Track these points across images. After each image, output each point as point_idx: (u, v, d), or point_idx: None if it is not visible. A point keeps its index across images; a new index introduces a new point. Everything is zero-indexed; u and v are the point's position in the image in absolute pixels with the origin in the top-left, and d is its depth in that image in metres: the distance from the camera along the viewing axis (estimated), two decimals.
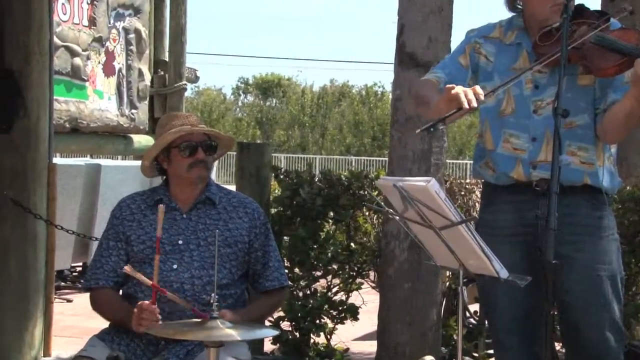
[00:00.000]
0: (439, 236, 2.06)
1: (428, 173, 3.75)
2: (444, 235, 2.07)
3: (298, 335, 4.22)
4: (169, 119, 2.87)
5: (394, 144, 3.93)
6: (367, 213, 4.37)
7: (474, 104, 2.28)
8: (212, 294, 2.41)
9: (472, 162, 2.96)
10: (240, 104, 36.38)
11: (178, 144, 2.80)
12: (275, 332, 2.50)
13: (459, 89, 2.31)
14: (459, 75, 2.62)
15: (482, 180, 2.74)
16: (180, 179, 2.83)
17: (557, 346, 3.92)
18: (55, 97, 4.83)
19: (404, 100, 3.84)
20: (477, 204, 4.83)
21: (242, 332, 2.37)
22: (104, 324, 2.88)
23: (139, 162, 7.60)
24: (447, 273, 4.37)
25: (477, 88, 2.34)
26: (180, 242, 2.77)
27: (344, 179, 4.27)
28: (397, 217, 2.14)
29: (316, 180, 4.28)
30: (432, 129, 2.25)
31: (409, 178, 2.13)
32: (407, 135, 3.83)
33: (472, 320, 4.57)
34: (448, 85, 2.35)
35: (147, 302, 2.59)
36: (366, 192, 4.21)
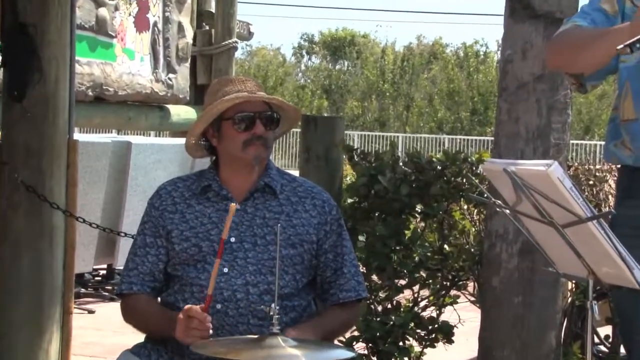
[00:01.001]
0: (562, 236, 2.05)
1: (546, 156, 3.71)
2: (568, 234, 2.06)
3: None
4: (220, 85, 2.92)
5: (501, 119, 3.89)
6: (465, 206, 4.35)
7: None
8: (272, 305, 2.44)
9: (603, 142, 2.91)
10: (303, 67, 36.52)
11: (231, 115, 2.84)
12: (352, 354, 2.52)
13: None
14: (607, 25, 2.60)
15: (618, 165, 2.70)
16: (233, 160, 2.87)
17: None
18: (76, 58, 4.93)
19: (516, 61, 3.80)
20: (610, 196, 4.76)
21: (309, 353, 2.40)
22: (134, 340, 2.96)
23: (177, 140, 7.77)
24: (570, 284, 4.31)
25: None
26: (232, 239, 2.81)
27: (436, 162, 4.26)
28: (507, 211, 2.14)
29: (400, 164, 4.28)
30: (638, 45, 2.24)
31: (524, 161, 2.12)
32: (520, 107, 3.80)
33: (602, 347, 4.52)
34: None
35: (196, 307, 2.63)
36: (464, 180, 4.20)
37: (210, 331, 2.62)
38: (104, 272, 7.87)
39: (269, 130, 2.86)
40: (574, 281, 4.28)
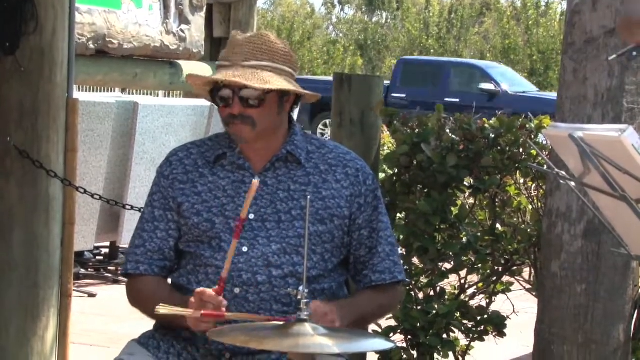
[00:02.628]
0: (636, 212, 2.04)
1: (617, 122, 3.69)
2: None
3: (416, 355, 4.27)
4: (227, 44, 2.91)
5: (566, 80, 3.87)
6: (521, 180, 4.35)
7: None
8: (300, 288, 2.46)
9: None
10: (334, 19, 36.42)
11: (210, 88, 2.87)
12: (390, 345, 2.54)
13: None
14: None
15: None
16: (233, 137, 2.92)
17: None
18: (75, 5, 4.95)
19: (584, 12, 3.78)
20: None
21: (342, 343, 2.42)
22: (140, 327, 2.99)
23: (190, 101, 7.80)
24: None
25: None
26: (251, 215, 2.83)
27: (488, 129, 4.25)
28: (573, 184, 2.13)
29: (447, 130, 4.27)
30: (634, 53, 2.22)
31: (593, 126, 2.11)
32: (588, 66, 3.78)
33: None
34: None
35: (210, 290, 2.65)
36: (521, 149, 4.19)
37: (226, 316, 2.64)
38: (107, 250, 7.94)
39: (250, 108, 2.82)
40: None
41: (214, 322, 2.63)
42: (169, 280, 2.94)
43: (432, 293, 4.29)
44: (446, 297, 4.29)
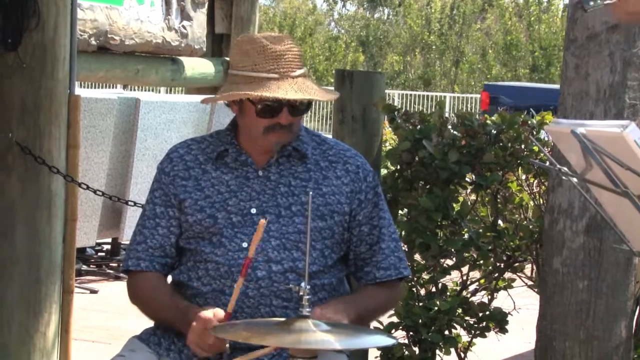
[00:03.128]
0: (639, 208, 2.04)
1: (619, 119, 3.69)
2: None
3: (418, 351, 4.27)
4: (252, 48, 2.83)
5: (568, 75, 3.88)
6: (523, 176, 4.35)
7: None
8: (302, 284, 2.46)
9: None
10: (336, 15, 36.42)
11: (256, 99, 2.82)
12: (392, 341, 2.54)
13: None
14: None
15: None
16: (252, 139, 2.89)
17: None
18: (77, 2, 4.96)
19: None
20: None
21: (343, 339, 2.42)
22: (141, 324, 2.99)
23: (192, 97, 7.80)
24: None
25: None
26: (253, 210, 2.84)
27: (490, 125, 4.25)
28: (575, 180, 2.13)
29: (449, 127, 4.27)
30: (591, 2, 2.21)
31: (595, 122, 2.11)
32: (590, 62, 3.77)
33: None
34: None
35: (214, 317, 2.65)
36: (523, 146, 4.19)
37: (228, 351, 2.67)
38: (109, 247, 7.95)
39: (296, 116, 2.85)
40: None
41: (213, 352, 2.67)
42: (169, 278, 2.94)
43: (433, 289, 4.30)
44: (448, 293, 4.30)
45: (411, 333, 4.25)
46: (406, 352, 4.26)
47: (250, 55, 2.82)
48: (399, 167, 4.29)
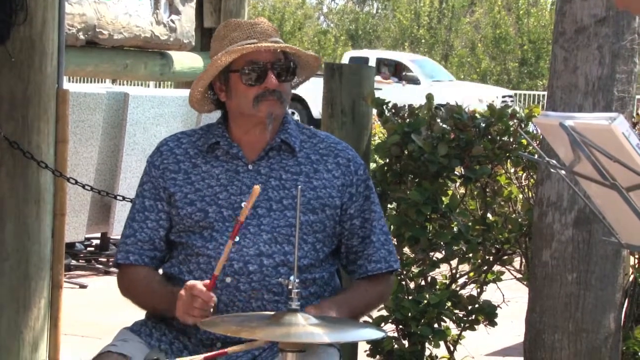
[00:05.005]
0: (626, 200, 2.04)
1: (608, 111, 3.69)
2: (633, 198, 2.06)
3: (407, 344, 4.28)
4: (227, 29, 2.92)
5: (557, 69, 3.88)
6: (512, 169, 4.35)
7: None
8: (291, 277, 2.47)
9: None
10: (325, 9, 36.39)
11: (240, 66, 2.84)
12: (381, 334, 2.55)
13: None
14: None
15: None
16: (245, 117, 2.89)
17: None
18: None
19: (575, 1, 3.78)
20: None
21: (333, 332, 2.43)
22: (131, 318, 2.99)
23: (181, 91, 7.78)
24: (633, 260, 4.31)
25: None
26: (243, 204, 2.83)
27: (479, 119, 4.26)
28: (563, 172, 2.14)
29: (438, 120, 4.28)
30: None
31: (583, 114, 2.11)
32: (579, 55, 3.78)
33: None
34: None
35: (201, 284, 2.66)
36: (512, 139, 4.19)
37: (211, 312, 2.67)
38: (98, 241, 7.94)
39: (283, 82, 2.86)
40: (636, 255, 4.27)
41: (201, 317, 2.65)
42: (160, 271, 2.95)
43: (423, 283, 4.30)
44: (437, 286, 4.30)
45: (401, 326, 4.26)
46: (396, 346, 4.27)
47: (227, 35, 2.89)
48: (388, 160, 4.29)
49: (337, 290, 2.94)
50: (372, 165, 4.40)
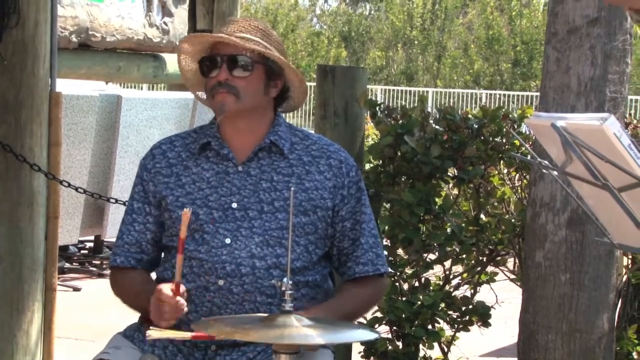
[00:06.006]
0: (618, 201, 2.05)
1: (600, 112, 3.70)
2: (625, 199, 2.06)
3: (401, 346, 4.28)
4: (225, 23, 2.96)
5: (549, 69, 3.89)
6: (505, 170, 4.36)
7: None
8: (284, 279, 2.47)
9: None
10: (318, 11, 36.39)
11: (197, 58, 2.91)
12: (374, 335, 2.55)
13: None
14: None
15: None
16: (215, 113, 2.92)
17: None
18: None
19: (567, 2, 3.78)
20: None
21: (326, 333, 2.43)
22: (125, 320, 2.99)
23: (174, 94, 7.77)
24: (626, 260, 4.32)
25: None
26: (234, 205, 2.84)
27: (472, 120, 4.26)
28: (555, 173, 2.14)
29: (431, 121, 4.28)
30: None
31: (575, 115, 2.11)
32: (571, 55, 3.78)
33: None
34: None
35: (167, 289, 2.67)
36: (505, 140, 4.20)
37: (185, 310, 2.67)
38: (91, 244, 7.94)
39: (236, 77, 2.84)
40: (630, 255, 4.28)
41: (174, 319, 2.68)
42: (154, 275, 2.94)
43: (416, 284, 4.30)
44: (431, 287, 4.31)
45: (395, 328, 4.26)
46: (390, 347, 4.27)
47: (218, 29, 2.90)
48: (381, 162, 4.30)
49: (330, 292, 2.94)
50: (367, 166, 4.40)
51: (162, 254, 2.95)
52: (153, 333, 2.63)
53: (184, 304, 2.66)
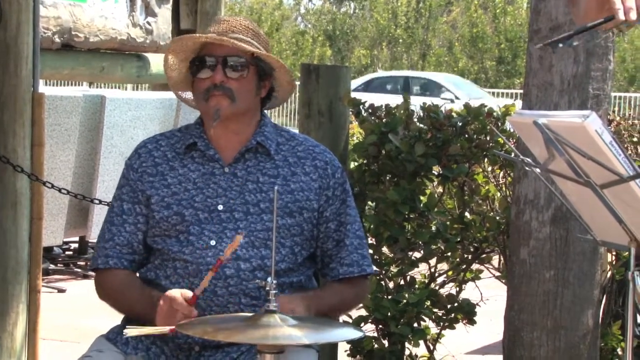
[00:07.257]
0: (600, 197, 2.06)
1: (583, 109, 3.71)
2: (607, 196, 2.07)
3: (387, 344, 4.28)
4: (212, 23, 2.94)
5: (533, 66, 3.89)
6: (489, 168, 4.37)
7: (633, 16, 2.25)
8: (268, 279, 2.46)
9: None
10: (302, 10, 36.39)
11: (189, 59, 2.88)
12: (360, 334, 2.55)
13: None
14: None
15: None
16: (203, 114, 2.90)
17: None
18: None
19: (550, 0, 3.79)
20: None
21: (311, 333, 2.42)
22: (109, 322, 2.98)
23: (158, 94, 7.76)
24: (610, 256, 4.33)
25: None
26: (220, 207, 2.83)
27: (455, 118, 4.27)
28: (538, 170, 2.15)
29: (415, 119, 4.29)
30: (560, 44, 2.24)
31: (557, 112, 2.12)
32: (554, 53, 3.79)
33: None
34: None
35: (181, 298, 2.66)
36: (488, 137, 4.20)
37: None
38: (76, 245, 7.91)
39: (232, 79, 2.83)
40: (614, 252, 4.29)
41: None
42: (138, 275, 2.93)
43: (402, 282, 4.31)
44: (416, 286, 4.31)
45: (380, 326, 4.26)
46: (376, 345, 4.27)
47: (205, 29, 2.92)
48: (365, 160, 4.30)
49: None
50: (352, 165, 4.40)
51: None
52: (130, 331, 2.63)
53: (196, 314, 2.67)
